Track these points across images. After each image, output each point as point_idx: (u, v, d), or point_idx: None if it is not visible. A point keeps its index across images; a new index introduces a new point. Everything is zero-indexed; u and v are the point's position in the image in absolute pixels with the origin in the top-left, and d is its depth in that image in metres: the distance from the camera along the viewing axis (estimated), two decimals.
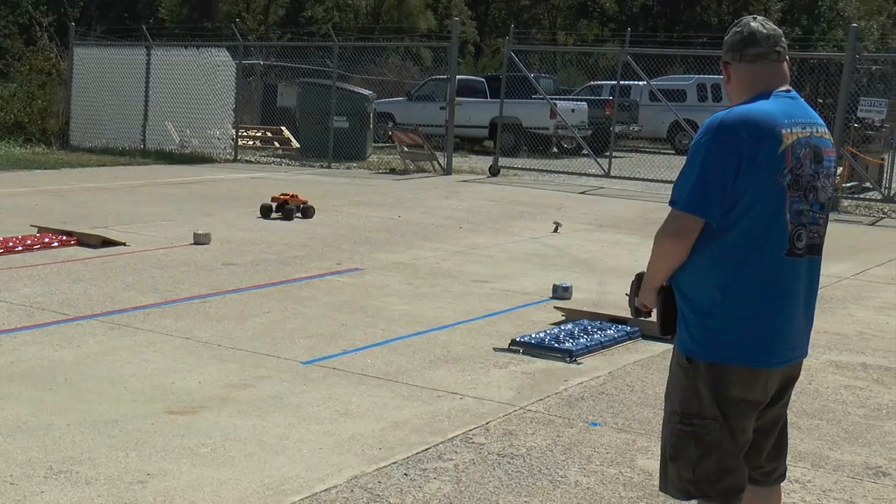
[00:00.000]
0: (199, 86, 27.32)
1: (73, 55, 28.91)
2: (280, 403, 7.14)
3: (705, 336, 4.09)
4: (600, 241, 14.85)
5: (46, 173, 21.93)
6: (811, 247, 4.11)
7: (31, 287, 10.46)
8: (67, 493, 5.54)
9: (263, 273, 11.62)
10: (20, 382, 7.43)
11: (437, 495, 5.68)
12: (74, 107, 28.53)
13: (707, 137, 4.03)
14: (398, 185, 22.15)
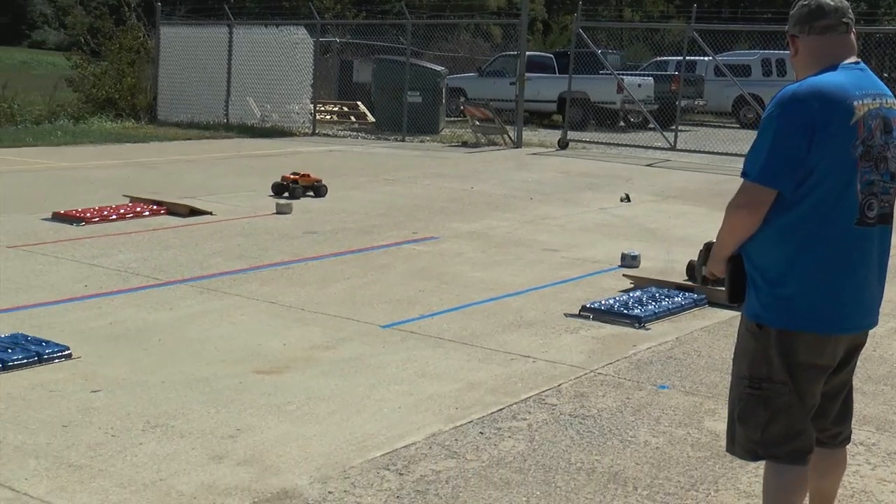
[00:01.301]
0: (279, 62, 27.42)
1: (160, 34, 29.15)
2: (361, 365, 7.22)
3: (775, 303, 4.05)
4: (667, 212, 14.77)
5: (136, 146, 22.15)
6: (882, 216, 4.05)
7: (126, 254, 10.62)
8: (164, 445, 5.67)
9: (343, 241, 11.70)
10: (118, 343, 7.58)
11: (512, 453, 5.73)
12: (161, 83, 28.77)
13: (779, 111, 3.98)
14: (470, 157, 22.12)
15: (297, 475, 5.33)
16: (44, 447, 5.62)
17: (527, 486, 5.30)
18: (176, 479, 5.25)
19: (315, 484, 5.22)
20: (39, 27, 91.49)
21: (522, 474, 5.44)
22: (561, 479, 5.40)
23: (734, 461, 5.08)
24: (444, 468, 5.49)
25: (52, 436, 5.78)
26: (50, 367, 6.93)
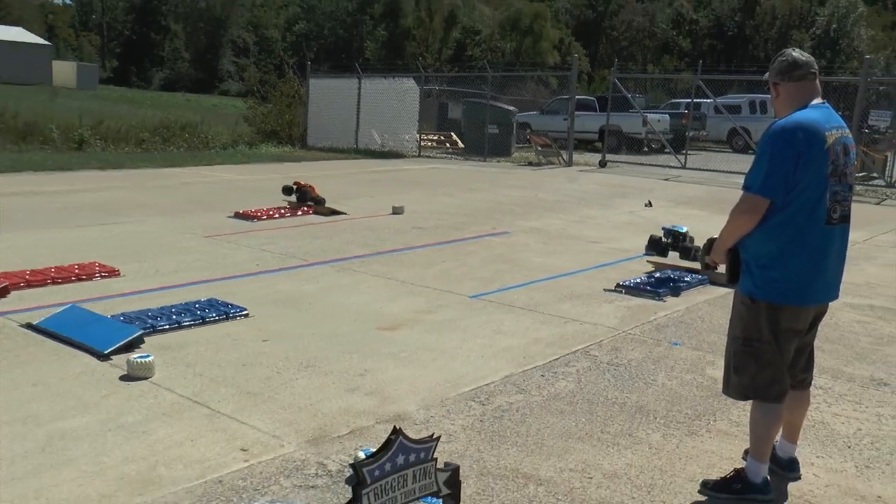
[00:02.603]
0: (394, 104, 27.52)
1: (309, 84, 29.35)
2: (454, 325, 7.22)
3: (765, 283, 4.11)
4: (679, 214, 14.58)
5: (292, 164, 22.36)
6: (843, 217, 4.12)
7: (285, 242, 10.70)
8: (313, 380, 5.72)
9: (440, 234, 11.70)
10: (280, 306, 7.65)
11: (564, 390, 5.72)
12: (310, 119, 28.96)
13: (773, 140, 4.02)
14: (534, 173, 22.02)
15: (407, 403, 5.36)
16: (230, 379, 5.70)
17: (575, 414, 5.30)
18: (322, 404, 5.30)
19: (420, 410, 5.25)
20: (226, 80, 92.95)
21: (572, 406, 5.44)
22: (600, 409, 5.40)
23: (727, 400, 5.03)
24: (515, 400, 5.49)
25: (236, 371, 5.86)
26: (234, 323, 7.03)
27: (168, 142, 26.64)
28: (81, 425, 4.88)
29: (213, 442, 4.70)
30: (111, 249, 9.76)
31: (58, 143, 24.24)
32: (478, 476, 4.37)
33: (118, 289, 8.09)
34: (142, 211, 12.91)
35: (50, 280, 8.20)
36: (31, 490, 4.13)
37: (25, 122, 25.51)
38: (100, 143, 25.05)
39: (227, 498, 4.08)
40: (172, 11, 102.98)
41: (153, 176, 18.15)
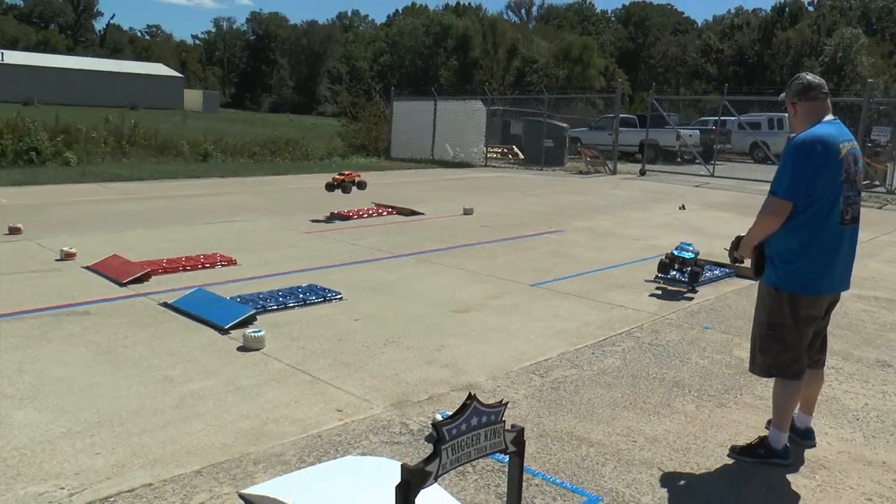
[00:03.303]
0: (464, 122, 27.48)
1: (393, 106, 29.47)
2: (517, 309, 7.15)
3: (788, 275, 4.03)
4: (708, 216, 14.29)
5: (378, 173, 22.44)
6: (853, 218, 4.05)
7: (372, 238, 10.72)
8: (397, 354, 5.71)
9: (505, 232, 11.60)
10: (369, 291, 7.66)
11: (612, 366, 5.63)
12: (393, 135, 29.05)
13: (796, 151, 3.94)
14: (583, 180, 21.77)
15: (477, 375, 5.32)
16: (327, 351, 5.72)
17: (621, 387, 5.21)
18: (404, 374, 5.29)
19: (488, 380, 5.21)
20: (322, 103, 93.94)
21: (618, 379, 5.36)
22: (643, 383, 5.31)
23: (752, 377, 4.92)
24: (569, 374, 5.42)
25: (332, 345, 5.88)
26: (330, 305, 7.05)
27: (275, 154, 26.96)
28: (207, 387, 4.95)
29: (313, 403, 4.72)
30: (229, 243, 9.90)
31: (187, 156, 24.72)
32: (538, 437, 4.31)
33: (235, 275, 8.20)
34: (254, 211, 13.07)
35: (181, 267, 8.35)
36: (168, 437, 4.22)
37: (162, 140, 26.04)
38: (220, 155, 25.45)
39: (325, 450, 4.09)
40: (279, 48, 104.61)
41: (263, 182, 18.38)
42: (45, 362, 5.35)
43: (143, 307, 6.85)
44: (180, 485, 3.71)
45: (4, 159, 20.57)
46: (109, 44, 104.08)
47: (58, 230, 10.55)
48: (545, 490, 3.74)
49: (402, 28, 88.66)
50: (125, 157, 23.11)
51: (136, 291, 7.40)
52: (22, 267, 8.41)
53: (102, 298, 7.11)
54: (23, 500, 3.54)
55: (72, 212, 12.65)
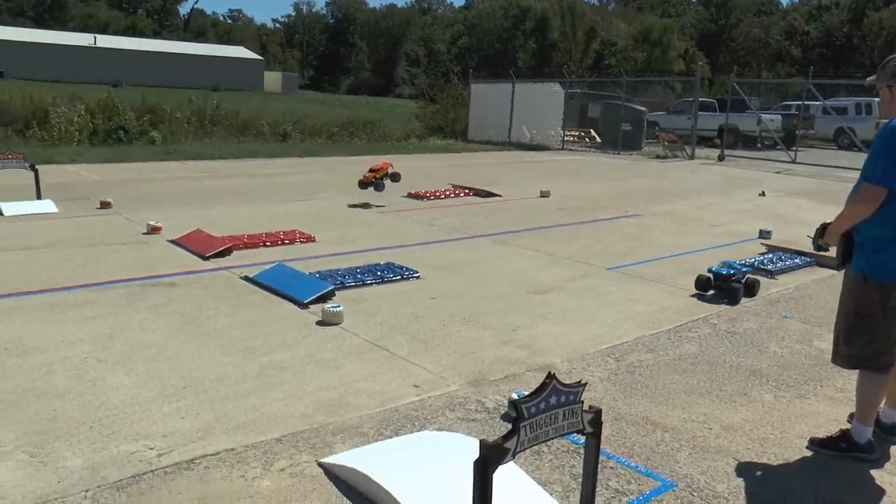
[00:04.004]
0: (542, 105, 27.27)
1: (471, 88, 29.42)
2: (593, 292, 7.09)
3: (877, 264, 3.87)
4: (789, 203, 13.89)
5: (455, 155, 22.51)
6: None
7: (449, 218, 10.75)
8: (473, 332, 5.73)
9: (581, 215, 11.50)
10: (446, 270, 7.70)
11: (688, 352, 5.54)
12: (471, 117, 29.02)
13: (890, 136, 3.76)
14: (661, 165, 21.39)
15: (553, 356, 5.30)
16: (405, 328, 5.78)
17: (697, 373, 5.13)
18: (480, 352, 5.30)
19: (564, 362, 5.19)
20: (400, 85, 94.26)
21: (694, 366, 5.27)
22: (719, 370, 5.21)
23: (834, 368, 4.77)
24: (645, 359, 5.35)
25: (409, 322, 5.93)
26: (408, 283, 7.12)
27: (353, 135, 27.23)
28: (287, 358, 5.06)
29: (390, 378, 4.78)
30: (308, 220, 10.05)
31: (267, 136, 25.17)
32: (613, 420, 4.28)
33: (314, 251, 8.34)
34: (332, 190, 13.24)
35: (261, 243, 8.52)
36: (250, 405, 4.33)
37: (244, 120, 26.59)
38: (299, 135, 25.84)
39: (402, 424, 4.14)
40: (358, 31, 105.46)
41: (341, 163, 18.58)
42: (133, 330, 5.55)
43: (225, 280, 7.02)
44: (262, 451, 3.80)
45: (95, 137, 21.36)
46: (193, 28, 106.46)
47: (144, 205, 10.88)
48: (619, 473, 3.72)
49: (480, 11, 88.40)
50: (207, 137, 23.69)
51: (218, 265, 7.59)
52: (112, 239, 8.72)
53: (186, 271, 7.33)
54: (116, 458, 3.69)
55: (157, 188, 13.03)
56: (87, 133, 21.39)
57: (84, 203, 11.03)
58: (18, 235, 8.82)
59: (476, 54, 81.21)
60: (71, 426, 4.00)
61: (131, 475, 3.53)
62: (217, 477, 3.55)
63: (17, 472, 3.55)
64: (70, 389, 4.46)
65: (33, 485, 3.45)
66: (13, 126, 21.72)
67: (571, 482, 3.59)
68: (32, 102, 23.14)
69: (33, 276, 7.04)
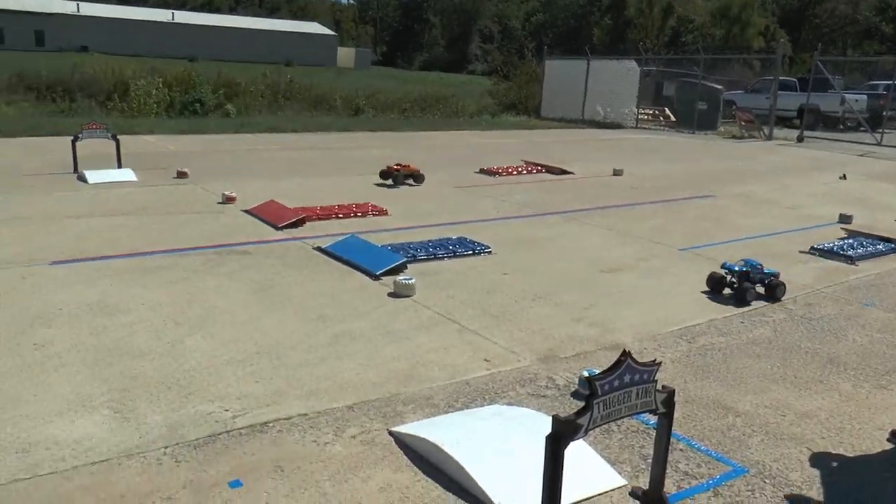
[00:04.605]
0: (616, 82, 26.84)
1: (545, 65, 29.13)
2: (664, 272, 6.99)
3: None
4: (872, 188, 13.43)
5: (527, 132, 22.37)
6: None
7: (521, 195, 10.71)
8: (545, 309, 5.70)
9: (654, 194, 11.33)
10: (517, 246, 7.67)
11: (762, 337, 5.42)
12: (544, 94, 28.77)
13: None
14: (737, 145, 20.89)
15: (624, 335, 5.25)
16: (476, 302, 5.79)
17: (771, 359, 5.02)
18: (552, 329, 5.28)
19: (635, 342, 5.13)
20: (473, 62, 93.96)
21: (768, 351, 5.15)
22: (794, 357, 5.09)
23: None
24: (717, 342, 5.26)
25: (481, 297, 5.94)
26: (479, 258, 7.12)
27: (425, 111, 27.25)
28: (358, 328, 5.12)
29: (461, 352, 4.80)
30: (380, 193, 10.13)
31: (340, 110, 25.39)
32: (684, 403, 4.22)
33: (386, 224, 8.40)
34: None
35: (334, 214, 8.62)
36: (322, 372, 4.41)
37: (317, 94, 26.85)
38: (372, 111, 25.98)
39: (473, 398, 4.16)
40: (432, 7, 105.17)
41: (413, 138, 18.64)
42: (209, 295, 5.69)
43: (298, 250, 7.13)
44: (333, 417, 3.87)
45: (173, 110, 21.90)
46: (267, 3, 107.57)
47: (219, 176, 11.10)
48: (689, 456, 3.67)
49: None
50: (281, 111, 24.04)
51: (291, 235, 7.71)
52: (188, 208, 8.93)
53: (260, 240, 7.46)
54: (194, 417, 3.81)
55: (232, 159, 13.27)
56: (165, 105, 21.95)
57: (161, 173, 11.31)
58: (102, 202, 9.10)
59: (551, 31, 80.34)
60: (151, 385, 4.13)
61: (207, 434, 3.63)
62: (290, 441, 3.62)
63: (102, 426, 3.69)
64: (150, 350, 4.61)
65: (117, 438, 3.58)
66: (96, 98, 22.41)
67: (641, 463, 3.56)
68: (114, 75, 23.83)
69: (116, 241, 7.27)
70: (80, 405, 3.88)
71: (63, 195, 9.49)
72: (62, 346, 4.66)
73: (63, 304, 5.40)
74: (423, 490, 3.25)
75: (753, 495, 3.37)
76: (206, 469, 3.34)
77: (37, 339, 4.75)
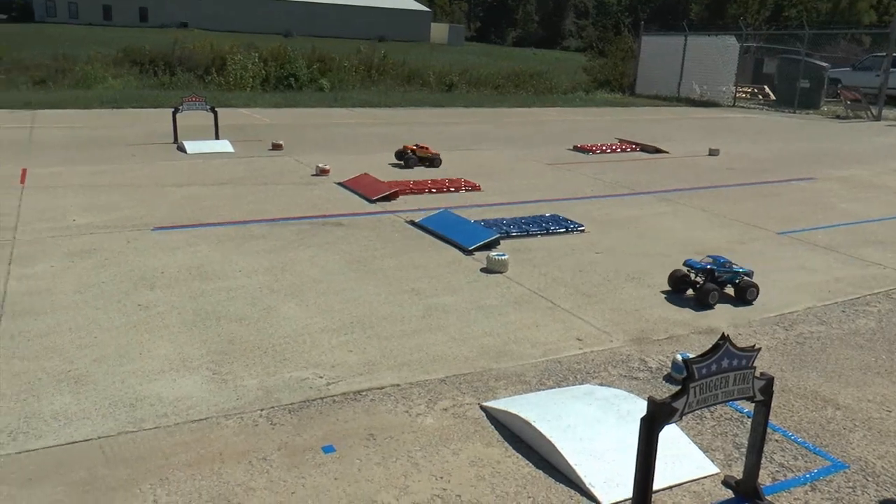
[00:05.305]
0: (714, 59, 26.04)
1: (641, 41, 28.50)
2: (762, 256, 6.76)
3: None
4: None
5: (621, 109, 21.98)
6: None
7: (614, 173, 10.53)
8: (638, 290, 5.54)
9: (751, 175, 10.96)
10: (610, 226, 7.56)
11: (865, 327, 5.20)
12: (640, 71, 28.17)
13: None
14: (842, 126, 19.99)
15: (718, 320, 5.14)
16: (568, 281, 5.74)
17: (874, 350, 4.81)
18: (644, 311, 5.20)
19: (730, 327, 5.01)
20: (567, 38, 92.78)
21: (871, 343, 4.94)
22: None
23: None
24: (816, 331, 5.08)
25: (573, 275, 5.88)
26: (572, 236, 7.05)
27: (519, 87, 27.07)
28: (451, 302, 5.14)
29: (553, 329, 4.76)
30: (473, 169, 10.10)
31: (433, 85, 25.44)
32: (780, 392, 4.08)
33: (479, 200, 8.38)
34: (497, 141, 13.24)
35: (427, 189, 8.65)
36: (415, 344, 4.45)
37: (410, 70, 26.96)
38: (465, 86, 25.94)
39: (564, 376, 4.13)
40: None
41: (506, 114, 18.53)
42: (303, 265, 5.80)
43: (391, 223, 7.19)
44: (426, 389, 3.90)
45: (268, 84, 22.36)
46: None
47: (313, 148, 11.28)
48: (785, 447, 3.55)
49: None
50: (374, 86, 24.22)
51: (384, 208, 7.78)
52: (283, 179, 9.11)
53: (353, 212, 7.55)
54: (289, 383, 3.89)
55: (325, 132, 13.45)
56: (260, 79, 22.43)
57: (257, 145, 11.56)
58: (200, 172, 9.37)
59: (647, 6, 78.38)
60: (247, 349, 4.24)
61: (302, 400, 3.71)
62: (382, 410, 3.67)
63: (202, 387, 3.81)
64: (247, 315, 4.73)
65: (216, 399, 3.69)
66: (195, 72, 23.04)
67: (734, 451, 3.46)
68: (212, 50, 24.42)
69: (214, 209, 7.47)
70: (182, 365, 4.02)
71: (164, 164, 9.81)
72: (164, 307, 4.83)
73: (164, 268, 5.60)
74: (514, 466, 3.25)
75: (855, 492, 3.24)
76: (301, 433, 3.41)
77: (141, 300, 4.95)
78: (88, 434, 3.35)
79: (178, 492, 2.97)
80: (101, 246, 6.13)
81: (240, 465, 3.16)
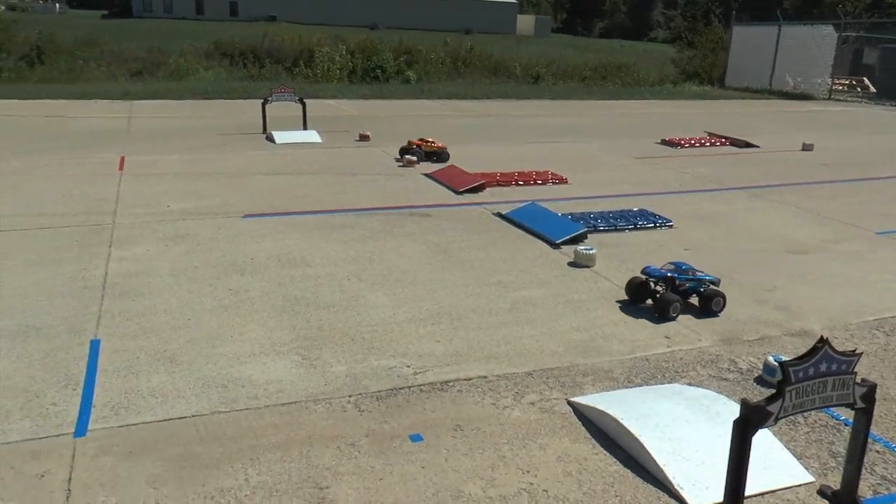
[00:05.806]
0: (809, 49, 25.12)
1: (733, 31, 27.71)
2: (859, 257, 6.50)
3: None
4: None
5: (710, 101, 21.46)
6: None
7: (703, 168, 10.28)
8: (727, 288, 5.36)
9: (848, 171, 10.53)
10: (698, 221, 7.37)
11: None
12: (730, 62, 27.40)
13: None
14: None
15: (812, 322, 4.95)
16: None
17: None
18: (733, 310, 5.06)
19: (825, 330, 4.82)
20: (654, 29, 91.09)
21: None
22: None
23: None
24: None
25: None
26: (660, 231, 6.92)
27: (606, 79, 26.74)
28: (538, 296, 5.10)
29: (641, 326, 4.68)
30: (560, 162, 10.01)
31: (519, 77, 25.32)
32: (881, 400, 3.85)
33: (566, 193, 8.30)
34: (584, 134, 13.09)
35: (514, 181, 8.61)
36: (502, 337, 4.44)
37: (496, 62, 26.91)
38: (551, 78, 25.74)
39: (652, 374, 4.05)
40: None
41: (593, 106, 18.31)
42: (390, 254, 5.84)
43: (478, 215, 7.18)
44: (513, 382, 3.88)
45: (355, 76, 22.64)
46: None
47: (400, 139, 11.31)
48: (888, 459, 3.38)
49: None
50: (460, 77, 24.25)
51: (470, 200, 7.77)
52: (370, 170, 9.19)
53: (440, 204, 7.57)
54: (376, 371, 3.93)
55: (411, 124, 13.51)
56: (347, 71, 22.72)
57: (344, 135, 11.70)
58: (289, 162, 9.54)
59: None
60: (336, 336, 4.30)
61: (389, 388, 3.74)
62: (469, 401, 3.67)
63: (292, 371, 3.88)
64: (335, 303, 4.79)
65: (305, 384, 3.76)
66: (283, 64, 23.50)
67: (830, 460, 3.33)
68: (300, 43, 24.84)
69: (302, 198, 7.60)
70: (272, 349, 4.11)
71: (253, 154, 10.02)
72: (254, 292, 4.94)
73: (254, 255, 5.72)
74: (602, 464, 3.20)
75: None
76: (388, 421, 3.44)
77: (231, 285, 5.07)
78: (184, 412, 3.46)
79: (268, 472, 3.04)
80: (194, 231, 6.31)
81: (328, 449, 3.20)
